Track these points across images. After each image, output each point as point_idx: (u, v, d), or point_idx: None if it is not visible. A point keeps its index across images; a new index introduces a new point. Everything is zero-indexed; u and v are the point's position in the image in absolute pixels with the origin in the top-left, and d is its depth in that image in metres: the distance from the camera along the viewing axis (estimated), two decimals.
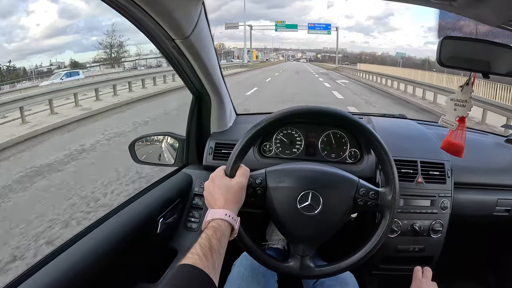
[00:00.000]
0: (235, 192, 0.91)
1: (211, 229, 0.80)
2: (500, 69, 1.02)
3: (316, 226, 0.99)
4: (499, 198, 1.48)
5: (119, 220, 1.12)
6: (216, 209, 0.86)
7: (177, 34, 1.01)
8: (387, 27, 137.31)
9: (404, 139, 1.53)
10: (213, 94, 1.44)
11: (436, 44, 1.00)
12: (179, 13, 0.93)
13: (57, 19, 34.17)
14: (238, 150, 0.96)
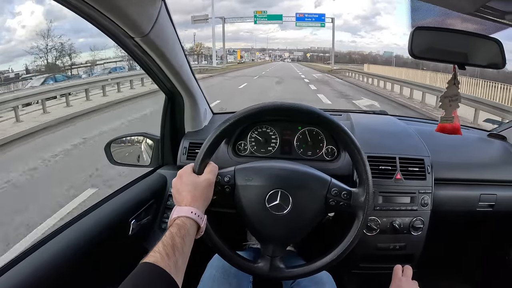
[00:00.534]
0: (202, 189, 0.88)
1: (176, 227, 0.78)
2: (479, 61, 1.01)
3: (285, 226, 0.96)
4: (482, 193, 1.45)
5: (89, 222, 1.09)
6: (182, 207, 0.84)
7: (135, 32, 0.97)
8: (374, 27, 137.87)
9: (383, 135, 1.50)
10: (184, 93, 1.40)
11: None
12: (134, 10, 0.89)
13: (42, 20, 33.64)
14: (206, 147, 0.93)
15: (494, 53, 0.98)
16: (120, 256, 1.19)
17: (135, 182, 1.38)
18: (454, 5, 0.86)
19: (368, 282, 1.47)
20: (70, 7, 0.83)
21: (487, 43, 0.98)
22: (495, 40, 0.97)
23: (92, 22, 0.91)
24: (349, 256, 0.97)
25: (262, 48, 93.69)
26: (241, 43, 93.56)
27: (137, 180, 1.39)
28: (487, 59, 1.00)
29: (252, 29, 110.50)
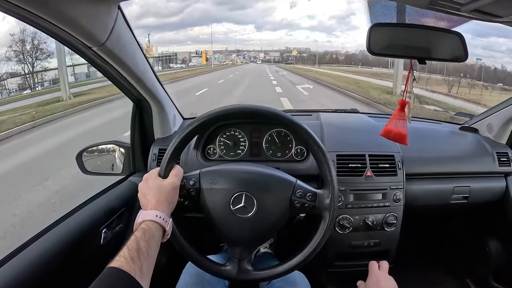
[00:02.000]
0: (167, 193, 0.88)
1: (140, 231, 0.78)
2: (438, 54, 0.99)
3: (251, 229, 0.95)
4: (456, 186, 1.47)
5: (58, 233, 1.06)
6: (147, 211, 0.83)
7: (91, 41, 0.95)
8: (349, 26, 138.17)
9: (353, 133, 1.50)
10: (150, 99, 1.38)
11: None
12: (88, 20, 0.87)
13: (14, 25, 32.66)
14: (171, 151, 0.93)
15: (456, 46, 0.96)
16: (92, 265, 1.16)
17: (106, 190, 1.35)
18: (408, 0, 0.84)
19: (346, 280, 1.45)
20: (24, 20, 0.80)
21: (449, 36, 0.96)
22: (457, 33, 0.95)
23: (48, 33, 0.88)
24: (323, 256, 0.96)
25: (238, 49, 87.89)
26: (216, 45, 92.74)
27: (108, 189, 1.36)
28: (449, 52, 0.99)
29: (227, 31, 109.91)
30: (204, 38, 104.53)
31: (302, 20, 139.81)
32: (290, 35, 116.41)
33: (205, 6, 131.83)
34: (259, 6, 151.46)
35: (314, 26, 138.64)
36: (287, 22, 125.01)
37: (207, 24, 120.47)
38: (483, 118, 1.71)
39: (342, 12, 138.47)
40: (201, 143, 1.38)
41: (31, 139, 7.48)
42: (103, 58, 1.05)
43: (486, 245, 1.67)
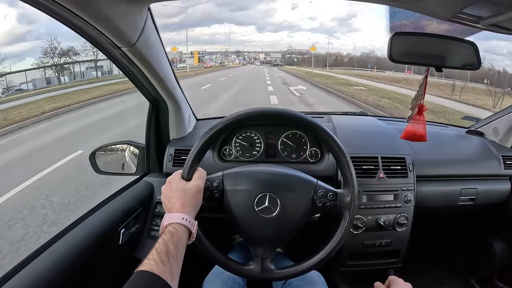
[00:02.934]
0: (192, 195, 0.89)
1: (168, 234, 0.78)
2: (453, 62, 1.03)
3: (274, 228, 0.97)
4: (463, 188, 1.51)
5: (78, 233, 1.07)
6: (173, 213, 0.84)
7: (122, 42, 0.97)
8: (350, 28, 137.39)
9: (365, 136, 1.54)
10: (168, 100, 1.40)
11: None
12: (121, 20, 0.89)
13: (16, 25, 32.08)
14: (194, 154, 0.94)
15: (470, 55, 1.01)
16: (112, 266, 1.19)
17: (122, 190, 1.37)
18: (432, 12, 0.88)
19: (358, 279, 1.49)
20: (57, 18, 0.82)
21: (463, 45, 1.01)
22: (471, 43, 1.00)
23: (79, 32, 0.90)
24: (336, 255, 0.99)
25: (238, 50, 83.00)
26: (217, 46, 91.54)
27: (124, 189, 1.38)
28: (463, 61, 1.03)
29: (228, 32, 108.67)
30: (205, 38, 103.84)
31: (304, 22, 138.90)
32: (291, 36, 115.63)
33: (206, 7, 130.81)
34: (261, 7, 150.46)
35: (315, 28, 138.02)
36: (288, 24, 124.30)
37: (209, 25, 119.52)
38: (489, 122, 1.76)
39: (344, 14, 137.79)
40: (217, 144, 1.41)
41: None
42: (130, 58, 1.07)
43: (491, 245, 1.72)
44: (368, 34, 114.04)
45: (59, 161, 5.30)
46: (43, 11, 0.79)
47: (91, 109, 10.96)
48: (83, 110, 10.91)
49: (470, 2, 0.75)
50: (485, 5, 0.76)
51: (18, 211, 3.68)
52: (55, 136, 7.44)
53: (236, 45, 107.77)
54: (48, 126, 8.85)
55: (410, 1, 0.81)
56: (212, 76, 26.27)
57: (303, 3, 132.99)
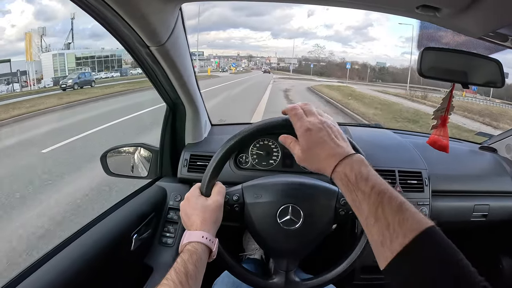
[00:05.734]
0: (211, 212, 0.86)
1: (187, 253, 0.76)
2: (478, 79, 1.03)
3: (298, 240, 0.96)
4: (476, 204, 1.51)
5: (91, 238, 1.05)
6: (192, 231, 0.82)
7: (152, 41, 0.95)
8: (366, 37, 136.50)
9: (382, 148, 1.54)
10: (188, 104, 1.40)
11: (413, 55, 0.95)
12: (155, 18, 0.88)
13: (33, 20, 31.89)
14: (212, 167, 0.90)
15: (494, 72, 1.01)
16: (123, 272, 1.18)
17: (135, 194, 1.35)
18: (464, 30, 0.88)
19: None
20: (89, 11, 0.81)
21: (488, 63, 1.01)
22: (495, 61, 1.01)
23: (107, 27, 0.89)
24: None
25: (250, 55, 79.45)
26: (231, 50, 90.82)
27: (137, 193, 1.36)
28: (487, 78, 1.03)
29: (243, 37, 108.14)
30: (220, 42, 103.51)
31: (319, 30, 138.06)
32: (306, 43, 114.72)
33: (222, 10, 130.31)
34: (277, 13, 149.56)
35: (331, 36, 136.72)
36: (304, 31, 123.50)
37: (224, 29, 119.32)
38: (502, 138, 1.78)
39: (359, 23, 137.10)
40: (233, 153, 1.39)
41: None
42: (156, 58, 1.05)
43: (500, 262, 1.72)
44: (384, 44, 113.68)
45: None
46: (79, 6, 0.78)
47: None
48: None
49: (505, 23, 0.75)
50: None
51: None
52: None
53: (250, 50, 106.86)
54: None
55: (446, 18, 0.81)
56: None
57: (320, 10, 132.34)
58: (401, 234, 0.58)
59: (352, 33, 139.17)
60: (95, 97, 15.39)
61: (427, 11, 0.77)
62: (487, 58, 1.02)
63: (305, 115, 0.80)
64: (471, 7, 0.73)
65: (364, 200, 0.65)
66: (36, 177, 4.92)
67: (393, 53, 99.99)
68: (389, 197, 0.63)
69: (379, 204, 0.62)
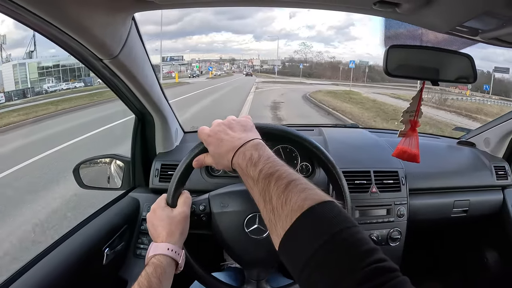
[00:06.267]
0: (177, 224, 0.82)
1: (152, 266, 0.74)
2: (449, 76, 0.99)
3: (267, 249, 0.90)
4: (456, 200, 1.49)
5: (60, 255, 1.01)
6: (158, 243, 0.79)
7: (103, 54, 0.90)
8: (348, 37, 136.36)
9: (357, 149, 1.50)
10: (155, 113, 1.33)
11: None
12: (103, 31, 0.82)
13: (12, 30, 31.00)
14: (177, 177, 0.87)
15: (466, 67, 0.97)
16: (96, 287, 1.14)
17: (107, 207, 1.30)
18: (430, 25, 0.84)
19: None
20: (35, 28, 0.75)
21: (459, 58, 0.97)
22: (467, 56, 0.96)
23: (57, 43, 0.83)
24: None
25: (233, 58, 74.14)
26: (214, 54, 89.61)
27: (109, 205, 1.31)
28: (459, 74, 0.99)
29: (226, 41, 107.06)
30: (203, 47, 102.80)
31: (301, 31, 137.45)
32: (289, 45, 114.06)
33: (204, 15, 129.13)
34: (259, 16, 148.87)
35: (313, 37, 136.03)
36: (286, 32, 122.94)
37: (206, 33, 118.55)
38: (480, 132, 1.75)
39: (341, 23, 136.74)
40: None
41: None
42: (112, 71, 1.00)
43: (484, 256, 1.71)
44: (365, 43, 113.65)
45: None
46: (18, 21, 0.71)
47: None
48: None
49: (470, 16, 0.71)
50: (486, 19, 0.73)
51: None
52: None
53: (233, 53, 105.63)
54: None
55: (408, 14, 0.76)
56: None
57: (301, 12, 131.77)
58: (284, 216, 0.53)
59: (334, 33, 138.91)
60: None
61: (385, 7, 0.72)
62: (458, 54, 0.98)
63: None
64: (433, 1, 0.69)
65: (254, 186, 0.62)
66: None
67: (375, 51, 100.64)
68: (277, 178, 0.58)
69: (266, 187, 0.59)
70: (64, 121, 11.15)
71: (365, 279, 0.42)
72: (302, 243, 0.50)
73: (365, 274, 0.42)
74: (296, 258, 0.50)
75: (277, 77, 45.40)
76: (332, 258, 0.46)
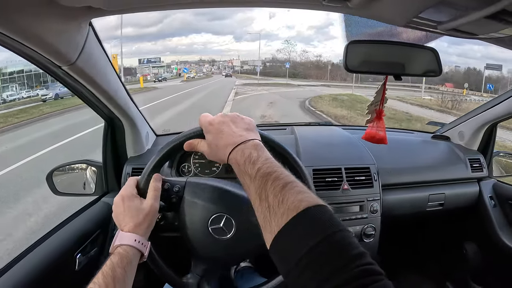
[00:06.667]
0: (145, 216, 0.80)
1: (117, 256, 0.73)
2: (416, 70, 0.99)
3: (226, 251, 0.89)
4: (431, 193, 1.49)
5: (31, 261, 0.99)
6: (125, 233, 0.77)
7: (61, 61, 0.87)
8: (327, 36, 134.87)
9: (328, 147, 1.49)
10: (123, 117, 1.30)
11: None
12: (57, 39, 0.80)
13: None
14: (161, 155, 0.88)
15: (431, 61, 0.96)
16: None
17: (79, 213, 1.28)
18: (386, 18, 0.82)
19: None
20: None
21: (423, 52, 0.96)
22: (431, 49, 0.95)
23: (16, 52, 0.81)
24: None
25: (212, 59, 71.62)
26: (194, 55, 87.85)
27: (81, 211, 1.29)
28: (424, 68, 0.98)
29: (206, 42, 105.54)
30: (183, 48, 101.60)
31: (281, 31, 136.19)
32: (269, 45, 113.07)
33: (184, 16, 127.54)
34: (238, 16, 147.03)
35: (293, 36, 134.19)
36: (266, 33, 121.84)
37: (186, 35, 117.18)
38: (454, 126, 1.75)
39: (321, 23, 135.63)
40: (175, 161, 1.33)
41: None
42: (73, 77, 0.98)
43: (463, 247, 1.71)
44: (345, 41, 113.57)
45: None
46: None
47: None
48: None
49: (425, 6, 0.69)
50: (442, 9, 0.70)
51: None
52: None
53: (214, 55, 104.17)
54: None
55: (360, 8, 0.74)
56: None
57: (281, 12, 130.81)
58: (279, 214, 0.54)
59: (314, 32, 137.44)
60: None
61: (335, 3, 0.70)
62: (422, 47, 0.96)
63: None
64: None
65: (251, 183, 0.63)
66: None
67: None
68: (275, 178, 0.60)
69: (263, 186, 0.60)
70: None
71: (353, 278, 0.44)
72: (295, 241, 0.51)
73: (354, 274, 0.44)
74: (288, 255, 0.51)
75: (259, 78, 40.44)
76: (324, 258, 0.47)
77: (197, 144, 0.82)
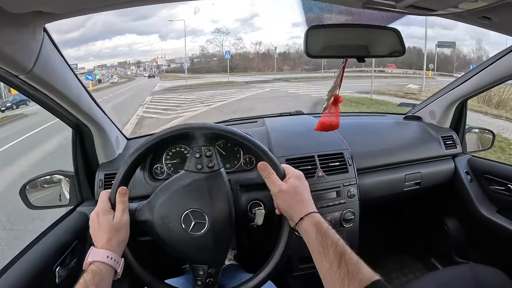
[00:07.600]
0: (117, 231, 0.79)
1: (90, 274, 0.71)
2: (380, 51, 0.97)
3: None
4: (407, 174, 1.48)
5: (10, 279, 0.93)
6: (98, 250, 0.76)
7: (16, 69, 0.82)
8: (253, 27, 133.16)
9: (300, 136, 1.46)
10: (89, 123, 1.24)
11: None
12: (10, 48, 0.75)
13: None
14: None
15: (394, 41, 0.94)
16: None
17: (55, 225, 1.21)
18: (344, 1, 0.77)
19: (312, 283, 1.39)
20: None
21: (386, 33, 0.94)
22: (393, 30, 0.93)
23: None
24: (287, 260, 0.91)
25: (138, 61, 63.31)
26: (119, 58, 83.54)
27: (57, 222, 1.23)
28: (387, 48, 0.96)
29: (131, 43, 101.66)
30: (107, 52, 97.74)
31: (206, 25, 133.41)
32: (195, 41, 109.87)
33: (106, 18, 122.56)
34: (163, 14, 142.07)
35: (219, 30, 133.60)
36: (192, 29, 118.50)
37: (110, 38, 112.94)
38: (425, 105, 1.75)
39: (246, 15, 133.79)
40: (147, 163, 1.28)
41: None
42: (32, 85, 0.93)
43: (444, 224, 1.71)
44: (271, 32, 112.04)
45: None
46: None
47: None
48: None
49: None
50: None
51: None
52: None
53: (140, 56, 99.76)
54: None
55: None
56: None
57: (206, 6, 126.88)
58: (357, 280, 0.64)
59: (240, 25, 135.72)
60: None
61: None
62: (384, 28, 0.94)
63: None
64: None
65: (323, 253, 0.71)
66: None
67: (281, 39, 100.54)
68: (348, 256, 0.69)
69: (339, 262, 0.68)
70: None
71: None
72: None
73: None
74: None
75: (188, 76, 30.95)
76: None
77: (271, 175, 0.85)
